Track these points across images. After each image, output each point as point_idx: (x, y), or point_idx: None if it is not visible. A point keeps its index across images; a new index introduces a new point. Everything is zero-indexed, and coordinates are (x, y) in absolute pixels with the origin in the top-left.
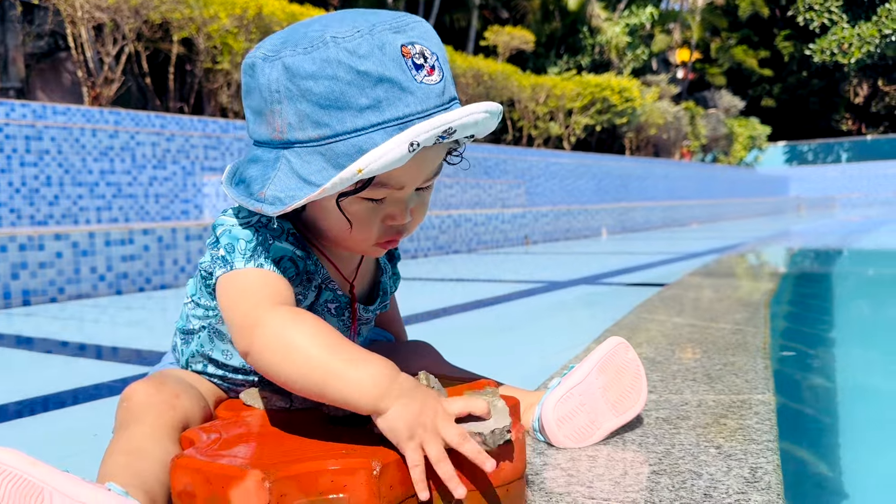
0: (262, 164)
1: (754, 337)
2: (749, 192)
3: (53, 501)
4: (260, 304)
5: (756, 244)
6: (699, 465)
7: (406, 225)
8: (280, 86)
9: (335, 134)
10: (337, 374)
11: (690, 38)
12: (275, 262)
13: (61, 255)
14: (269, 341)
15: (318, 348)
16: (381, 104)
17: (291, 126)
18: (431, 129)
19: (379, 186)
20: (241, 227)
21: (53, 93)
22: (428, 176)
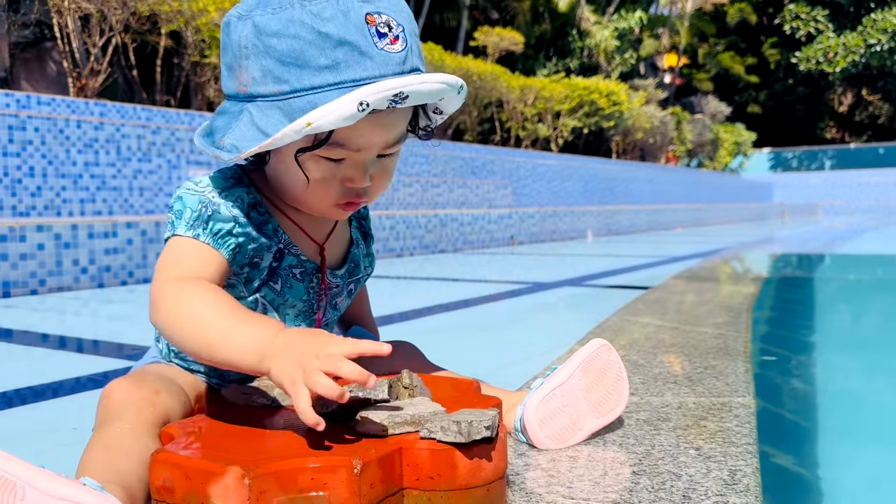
0: (227, 116)
1: (735, 341)
2: (733, 197)
3: (27, 496)
4: (174, 275)
5: (740, 249)
6: (679, 466)
7: (366, 189)
8: (248, 42)
9: (293, 90)
10: (222, 338)
11: (678, 43)
12: (212, 233)
13: (43, 247)
14: (166, 310)
15: (208, 315)
16: (339, 65)
17: (255, 80)
18: (382, 91)
19: (336, 146)
20: (194, 194)
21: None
22: (388, 143)
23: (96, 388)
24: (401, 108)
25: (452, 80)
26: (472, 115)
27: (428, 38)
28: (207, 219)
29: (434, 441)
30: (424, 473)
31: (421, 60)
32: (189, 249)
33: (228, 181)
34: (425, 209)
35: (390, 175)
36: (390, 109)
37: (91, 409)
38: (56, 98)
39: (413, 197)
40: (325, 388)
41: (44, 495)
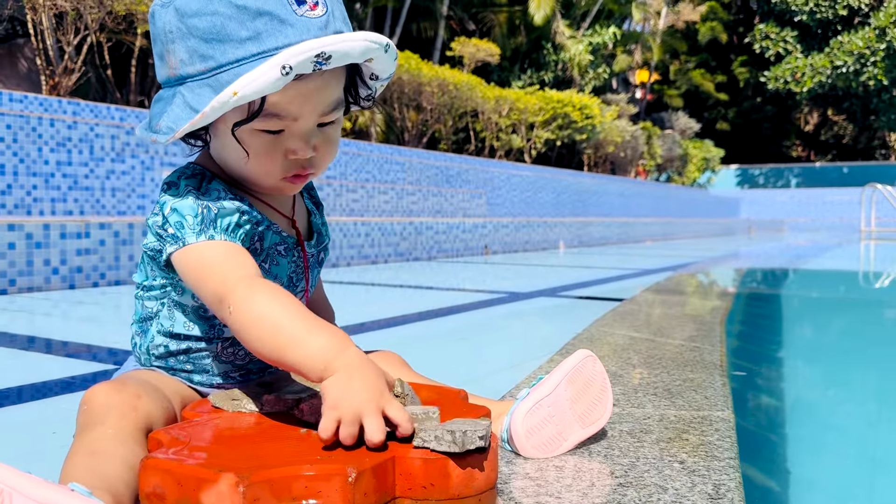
0: (162, 102)
1: (711, 354)
2: (701, 212)
3: (14, 502)
4: (224, 279)
5: (709, 263)
6: (664, 479)
7: (311, 160)
8: (172, 26)
9: (219, 65)
10: (295, 341)
11: (651, 59)
12: (224, 230)
13: (14, 247)
14: (235, 314)
15: (280, 317)
16: (260, 35)
17: (183, 62)
18: (303, 53)
19: (270, 116)
20: (182, 198)
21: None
22: (324, 110)
23: (65, 392)
24: (331, 72)
25: (376, 37)
26: (448, 124)
27: (405, 47)
28: (214, 217)
29: (427, 450)
30: (417, 483)
31: (346, 25)
32: (217, 250)
33: (195, 176)
34: (400, 217)
35: (335, 144)
36: (318, 73)
37: (62, 413)
38: (28, 95)
39: (388, 204)
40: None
41: (31, 501)
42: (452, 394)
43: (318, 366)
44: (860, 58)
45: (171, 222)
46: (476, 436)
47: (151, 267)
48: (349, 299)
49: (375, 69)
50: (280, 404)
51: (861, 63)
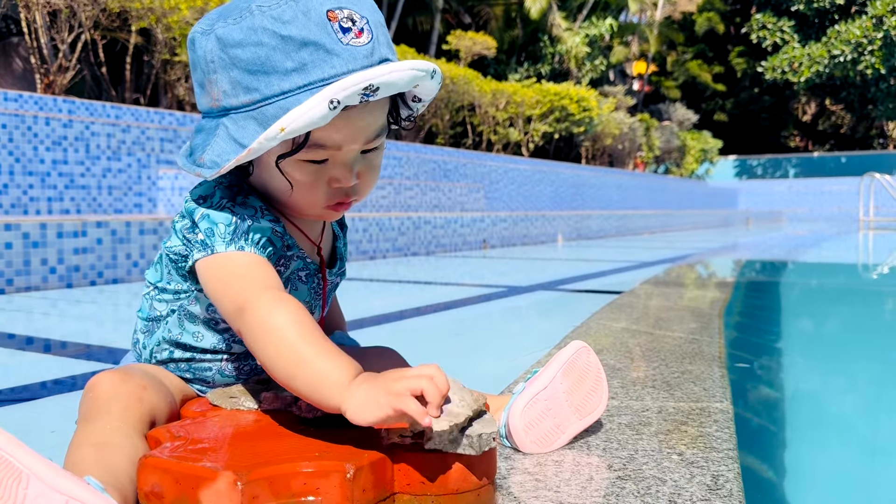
0: (204, 133)
1: (709, 346)
2: (700, 203)
3: (30, 487)
4: (249, 288)
5: (707, 255)
6: (663, 471)
7: (354, 188)
8: (214, 56)
9: (264, 98)
10: (308, 363)
11: (647, 50)
12: (255, 243)
13: (11, 246)
14: (254, 325)
15: (296, 336)
16: (306, 66)
17: (226, 93)
18: (351, 86)
19: (315, 147)
20: (217, 210)
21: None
22: (368, 137)
23: (63, 391)
24: (376, 101)
25: (423, 65)
26: (445, 118)
27: (401, 41)
28: (248, 229)
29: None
30: (416, 478)
31: (390, 50)
32: (243, 260)
33: (233, 190)
34: (398, 211)
35: (377, 170)
36: (364, 104)
37: (61, 411)
38: (23, 94)
39: (386, 199)
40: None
41: (46, 487)
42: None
43: (334, 389)
44: (857, 47)
45: (201, 228)
46: (491, 437)
47: (170, 270)
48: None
49: (419, 93)
50: (278, 402)
51: (858, 52)
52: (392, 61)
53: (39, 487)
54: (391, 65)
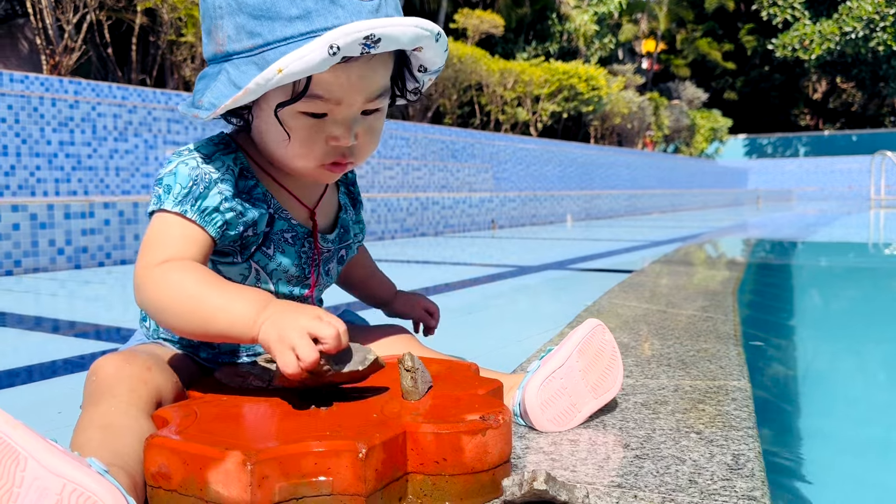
0: (207, 78)
1: (724, 324)
2: (709, 183)
3: (28, 469)
4: (158, 258)
5: (718, 234)
6: (681, 450)
7: (352, 149)
8: (222, 2)
9: (266, 43)
10: (215, 311)
11: (657, 28)
12: (201, 211)
13: (18, 227)
14: (153, 291)
15: (197, 290)
16: (310, 14)
17: (230, 38)
18: (352, 32)
19: (315, 98)
20: (187, 168)
21: (9, 60)
22: (369, 95)
23: (73, 372)
24: (379, 58)
25: (427, 24)
26: (452, 98)
27: None
28: (198, 195)
29: (439, 425)
30: (429, 458)
31: (397, 11)
32: (173, 228)
33: (216, 147)
34: (406, 192)
35: (377, 135)
36: (367, 57)
37: (69, 392)
38: (30, 75)
39: (394, 180)
40: (304, 348)
41: (43, 469)
42: (463, 367)
43: (245, 325)
44: (869, 23)
45: (163, 183)
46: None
47: None
48: None
49: (424, 60)
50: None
51: (870, 29)
52: None
53: (37, 470)
54: (395, 18)
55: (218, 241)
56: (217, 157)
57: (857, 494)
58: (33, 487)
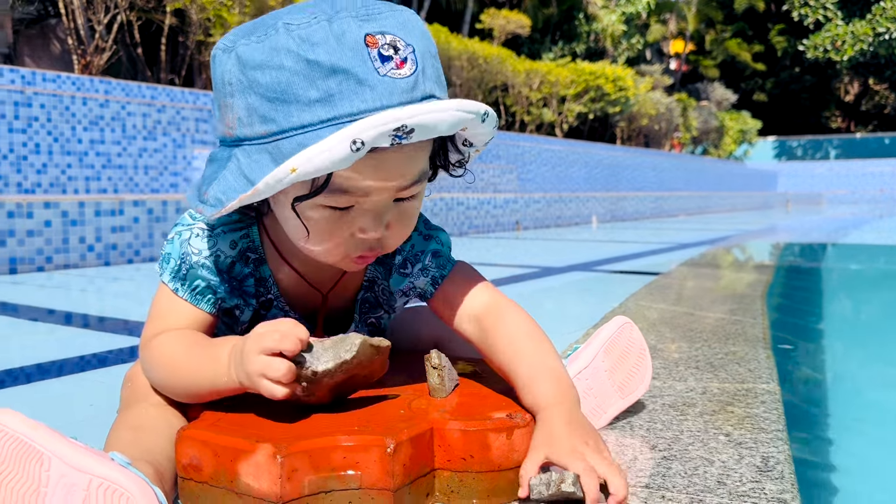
0: (216, 164)
1: (753, 327)
2: (737, 185)
3: (52, 468)
4: (154, 332)
5: (747, 237)
6: (710, 452)
7: (382, 240)
8: (233, 77)
9: (281, 130)
10: (197, 379)
11: (685, 29)
12: (192, 290)
13: (50, 224)
14: (150, 361)
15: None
16: (332, 98)
17: (241, 121)
18: (379, 126)
19: (338, 192)
20: (177, 238)
21: (41, 60)
22: (403, 185)
23: (103, 367)
24: (415, 143)
25: (472, 105)
26: (477, 98)
27: (434, 20)
28: (184, 276)
29: (466, 422)
30: (456, 454)
31: (438, 85)
32: (171, 304)
33: (227, 217)
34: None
35: (411, 220)
36: (397, 147)
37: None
38: (61, 75)
39: None
40: (271, 368)
41: (68, 467)
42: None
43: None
44: None
45: (164, 251)
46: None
47: None
48: None
49: (469, 136)
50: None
51: None
52: (438, 99)
53: (62, 468)
54: (432, 104)
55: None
56: (218, 233)
57: (888, 499)
58: (60, 485)
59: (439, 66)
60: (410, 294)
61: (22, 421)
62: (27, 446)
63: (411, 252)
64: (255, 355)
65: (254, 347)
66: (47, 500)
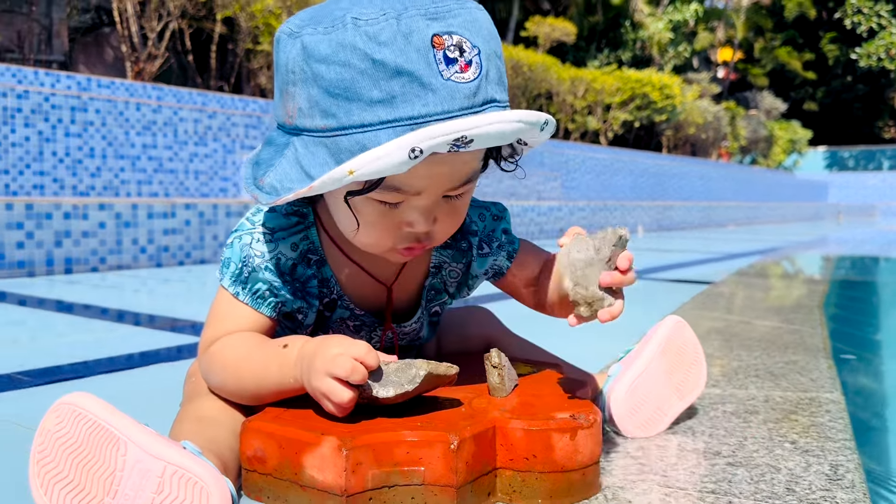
0: (274, 148)
1: (812, 337)
2: (787, 196)
3: (129, 453)
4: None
5: (799, 248)
6: (776, 459)
7: (430, 233)
8: (296, 66)
9: (341, 127)
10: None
11: (734, 37)
12: (252, 294)
13: (104, 226)
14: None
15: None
16: (394, 99)
17: (301, 112)
18: (439, 136)
19: (390, 190)
20: (237, 242)
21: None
22: (454, 184)
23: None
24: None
25: (531, 116)
26: (521, 106)
27: None
28: (246, 280)
29: (529, 421)
30: (519, 454)
31: (500, 88)
32: (231, 308)
33: (287, 220)
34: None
35: (460, 216)
36: (454, 152)
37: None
38: (115, 81)
39: None
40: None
41: (144, 453)
42: (548, 366)
43: (289, 386)
44: None
45: (225, 254)
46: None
47: None
48: None
49: (531, 141)
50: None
51: None
52: (499, 104)
53: (138, 453)
54: (492, 114)
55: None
56: (278, 236)
57: None
58: (135, 470)
59: (503, 66)
60: (489, 272)
61: (102, 406)
62: (105, 431)
63: (485, 232)
64: (324, 377)
65: (322, 368)
66: (122, 483)
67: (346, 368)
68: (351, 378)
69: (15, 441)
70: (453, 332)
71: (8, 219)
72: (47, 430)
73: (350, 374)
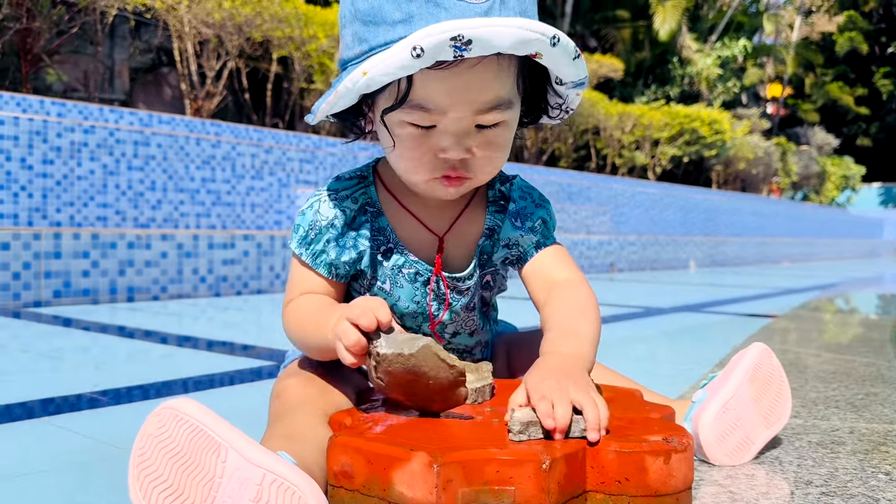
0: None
1: (889, 370)
2: (841, 232)
3: (229, 459)
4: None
5: (858, 284)
6: (871, 490)
7: (465, 163)
8: (345, 10)
9: (370, 48)
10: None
11: (783, 72)
12: (313, 254)
13: (166, 255)
14: (286, 324)
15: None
16: (412, 18)
17: (347, 46)
18: (436, 33)
19: (418, 109)
20: (309, 210)
21: (153, 105)
22: (480, 106)
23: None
24: (489, 66)
25: (536, 25)
26: (568, 141)
27: None
28: (310, 242)
29: (622, 443)
30: (611, 476)
31: (519, 14)
32: (300, 272)
33: (350, 181)
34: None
35: (500, 150)
36: (470, 62)
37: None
38: (175, 117)
39: None
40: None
41: (244, 460)
42: (628, 392)
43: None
44: None
45: (296, 222)
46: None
47: None
48: None
49: (554, 69)
50: None
51: None
52: None
53: (238, 460)
54: (494, 19)
55: (336, 278)
56: (341, 196)
57: None
58: (234, 477)
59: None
60: (512, 251)
61: (204, 411)
62: (207, 436)
63: (524, 208)
64: (342, 321)
65: (343, 314)
66: (220, 490)
67: (356, 312)
68: (360, 321)
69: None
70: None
71: (75, 248)
72: (148, 434)
73: (359, 317)
